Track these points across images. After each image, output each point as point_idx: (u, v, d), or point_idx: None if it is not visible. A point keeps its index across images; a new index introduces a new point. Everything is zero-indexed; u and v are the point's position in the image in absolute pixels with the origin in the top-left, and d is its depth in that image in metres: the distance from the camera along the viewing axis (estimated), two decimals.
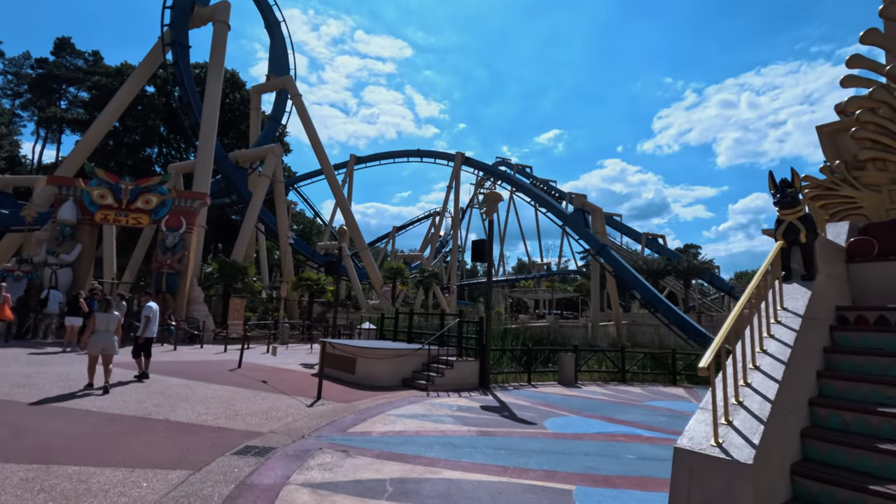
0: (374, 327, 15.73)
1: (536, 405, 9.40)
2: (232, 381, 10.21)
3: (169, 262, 19.34)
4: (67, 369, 10.34)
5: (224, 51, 25.98)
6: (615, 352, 14.18)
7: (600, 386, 12.85)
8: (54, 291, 16.51)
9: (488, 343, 11.69)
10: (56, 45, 54.41)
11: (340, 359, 11.78)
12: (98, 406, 7.16)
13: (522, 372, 12.86)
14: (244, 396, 8.64)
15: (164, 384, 9.38)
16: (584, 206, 35.83)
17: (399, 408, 8.44)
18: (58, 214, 18.64)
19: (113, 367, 8.84)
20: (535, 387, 12.00)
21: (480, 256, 11.85)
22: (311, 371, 12.98)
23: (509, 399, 9.96)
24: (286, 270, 28.64)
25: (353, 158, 52.39)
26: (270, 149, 29.97)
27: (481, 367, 11.59)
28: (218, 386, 9.54)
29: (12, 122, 49.47)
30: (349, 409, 8.20)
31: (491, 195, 12.10)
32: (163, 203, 19.90)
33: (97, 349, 8.57)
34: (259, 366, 13.42)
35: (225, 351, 16.87)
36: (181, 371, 11.27)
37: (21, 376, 9.10)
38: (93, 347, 8.59)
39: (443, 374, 10.96)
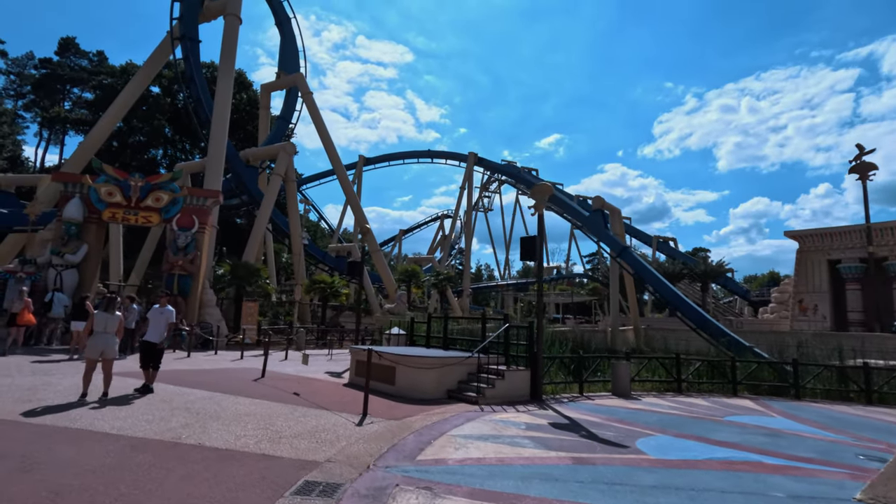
0: (404, 332, 14.62)
1: (609, 422, 8.27)
2: (261, 394, 9.11)
3: (181, 263, 18.26)
4: (76, 380, 9.21)
5: (235, 45, 25.00)
6: (669, 359, 13.05)
7: (658, 397, 11.72)
8: (59, 294, 15.44)
9: (540, 351, 10.58)
10: (60, 45, 53.59)
11: (377, 368, 10.65)
12: (117, 427, 6.05)
13: (573, 382, 11.74)
14: (281, 413, 7.53)
15: (187, 397, 8.27)
16: (603, 207, 34.74)
17: (459, 427, 7.32)
18: (63, 212, 17.57)
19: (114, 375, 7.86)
20: (590, 399, 10.88)
21: (530, 254, 10.76)
22: (339, 380, 11.90)
23: (574, 414, 8.83)
24: (298, 273, 27.58)
25: (362, 159, 51.33)
26: (282, 147, 28.92)
27: (533, 378, 10.48)
28: (247, 400, 8.43)
29: (14, 122, 48.53)
30: (404, 428, 7.09)
31: (541, 188, 11.02)
32: (174, 201, 18.83)
33: (96, 352, 7.62)
34: (283, 374, 12.33)
35: (241, 358, 15.78)
36: (202, 381, 10.17)
37: (25, 389, 8.00)
38: (91, 350, 7.65)
39: (493, 385, 9.85)
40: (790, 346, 29.38)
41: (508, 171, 47.66)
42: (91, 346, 7.54)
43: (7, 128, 42.37)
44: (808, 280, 38.81)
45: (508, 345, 11.24)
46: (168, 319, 9.07)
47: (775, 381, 13.03)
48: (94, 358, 7.51)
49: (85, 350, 7.56)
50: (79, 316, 12.75)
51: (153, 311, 9.07)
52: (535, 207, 11.08)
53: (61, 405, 7.04)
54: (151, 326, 8.87)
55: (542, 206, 11.02)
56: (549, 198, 10.58)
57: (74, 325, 12.67)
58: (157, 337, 8.82)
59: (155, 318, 8.95)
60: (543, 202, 11.00)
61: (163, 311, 9.02)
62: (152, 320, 8.96)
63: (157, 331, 8.86)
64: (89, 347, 7.53)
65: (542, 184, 10.99)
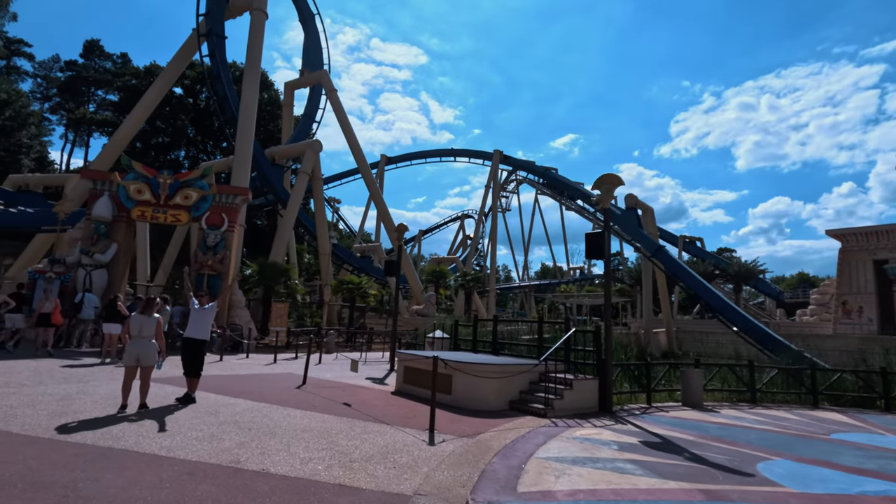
0: (447, 336, 13.75)
1: (704, 440, 7.28)
2: (309, 404, 8.33)
3: (210, 262, 17.68)
4: (112, 388, 8.55)
5: (262, 40, 24.47)
6: (742, 366, 11.97)
7: (734, 408, 10.66)
8: (89, 295, 14.91)
9: (609, 358, 9.61)
10: (85, 47, 54.09)
11: (428, 375, 9.79)
12: (166, 447, 5.28)
13: (639, 391, 10.74)
14: (340, 428, 6.71)
15: (233, 409, 7.51)
16: (636, 206, 33.50)
17: (543, 446, 6.41)
18: (92, 211, 17.12)
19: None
20: (663, 410, 9.88)
21: (597, 251, 9.81)
22: (384, 388, 11.10)
23: (658, 429, 7.86)
24: (326, 273, 26.94)
25: (384, 159, 50.67)
26: (309, 144, 28.33)
27: (601, 388, 9.51)
28: (298, 412, 7.64)
29: (41, 124, 49.00)
30: (481, 448, 6.21)
31: (608, 178, 10.06)
32: (203, 199, 18.28)
33: (132, 359, 6.87)
34: (324, 381, 11.55)
35: (275, 361, 15.08)
36: (243, 389, 9.43)
37: (59, 400, 7.31)
38: (128, 357, 6.90)
39: (561, 396, 8.91)
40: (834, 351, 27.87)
41: (535, 170, 46.44)
42: (127, 353, 6.82)
43: (34, 129, 42.70)
44: (852, 281, 37.02)
45: (570, 351, 10.34)
46: (211, 317, 8.40)
47: (860, 392, 11.84)
48: (132, 366, 6.78)
49: (122, 357, 6.82)
50: (111, 318, 12.16)
51: (194, 311, 8.35)
52: (600, 200, 10.12)
53: (100, 419, 6.32)
54: (193, 324, 8.18)
55: (610, 198, 10.07)
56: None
57: (106, 327, 12.08)
58: (202, 334, 8.16)
59: (197, 316, 8.24)
60: (611, 194, 10.04)
61: (204, 309, 8.31)
62: (194, 319, 8.25)
63: (202, 328, 8.19)
64: (126, 354, 6.82)
65: (610, 174, 10.03)
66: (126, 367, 6.81)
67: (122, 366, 6.85)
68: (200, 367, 8.06)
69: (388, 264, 16.12)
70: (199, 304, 8.43)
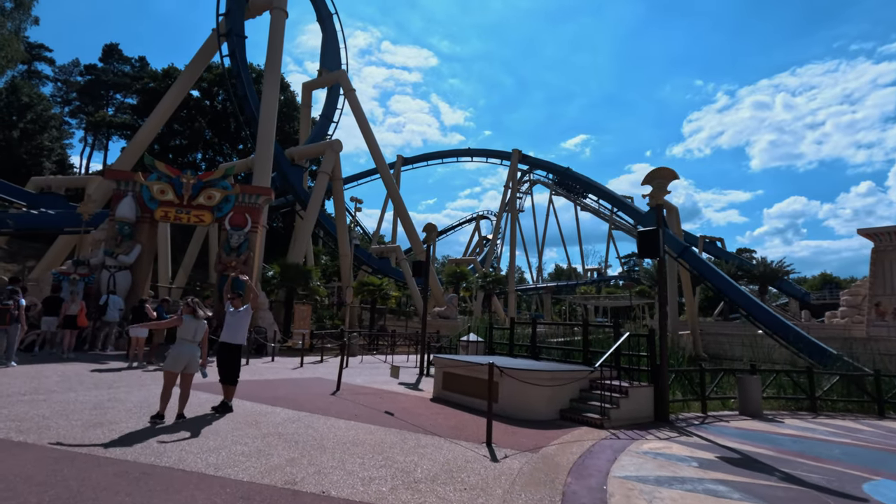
0: (481, 339, 13.20)
1: (784, 454, 6.65)
2: (350, 413, 7.84)
3: (234, 263, 17.33)
4: (145, 394, 8.16)
5: (282, 39, 24.18)
6: (799, 372, 11.25)
7: (795, 417, 9.98)
8: (114, 297, 14.64)
9: (665, 363, 8.99)
10: (104, 51, 54.61)
11: (473, 382, 9.28)
12: (213, 465, 4.81)
13: (693, 399, 10.09)
14: (392, 442, 6.21)
15: (273, 419, 7.05)
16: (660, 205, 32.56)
17: (617, 463, 5.84)
18: (116, 211, 16.88)
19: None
20: (722, 420, 9.23)
21: (651, 249, 9.20)
22: (421, 394, 10.60)
23: (728, 442, 7.23)
24: (346, 275, 26.56)
25: (400, 159, 50.32)
26: (329, 144, 28.00)
27: (657, 396, 8.90)
28: (342, 422, 7.15)
29: (62, 127, 49.51)
30: (549, 465, 5.66)
31: (660, 171, 9.46)
32: (226, 199, 17.96)
33: (179, 364, 6.37)
34: (357, 387, 11.09)
35: (301, 365, 14.69)
36: (277, 396, 8.98)
37: (92, 408, 6.91)
38: (174, 362, 6.37)
39: (617, 405, 8.31)
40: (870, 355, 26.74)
41: (556, 170, 45.65)
42: (174, 357, 6.33)
43: (56, 132, 43.09)
44: (886, 281, 35.71)
45: (620, 356, 9.73)
46: (247, 321, 7.94)
47: None
48: (176, 371, 6.31)
49: (166, 361, 6.34)
50: (138, 320, 11.81)
51: (229, 314, 7.90)
52: (652, 196, 9.52)
53: (137, 431, 5.88)
54: (228, 328, 7.70)
55: (664, 193, 9.46)
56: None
57: (133, 330, 11.73)
58: (238, 338, 7.69)
59: (233, 319, 7.78)
60: (664, 189, 9.43)
61: (238, 312, 7.83)
62: (229, 323, 7.79)
63: (238, 332, 7.71)
64: (172, 358, 6.32)
65: (663, 168, 9.43)
66: (167, 372, 6.33)
67: (164, 370, 6.34)
68: (237, 374, 7.62)
69: (417, 264, 15.62)
70: (234, 307, 7.99)
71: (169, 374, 6.24)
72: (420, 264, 15.31)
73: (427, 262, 15.42)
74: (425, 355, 14.80)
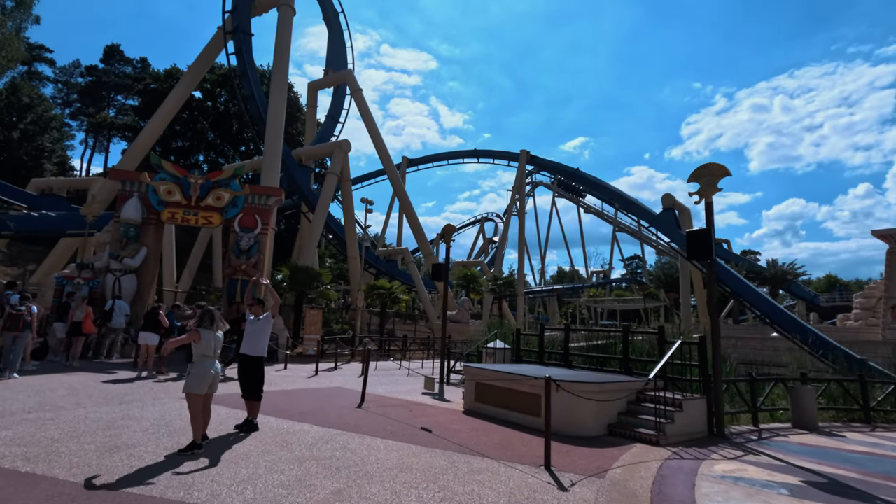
0: (508, 346, 12.56)
1: (878, 479, 6.00)
2: (384, 430, 7.20)
3: (244, 267, 16.69)
4: (160, 410, 7.50)
5: (290, 36, 23.61)
6: (850, 381, 10.62)
7: (854, 430, 9.34)
8: (120, 302, 13.98)
9: (719, 373, 8.36)
10: (106, 52, 54.03)
11: (511, 394, 8.63)
12: (249, 499, 4.16)
13: (744, 411, 9.44)
14: (441, 466, 5.56)
15: (303, 438, 6.39)
16: (673, 206, 32.05)
17: (698, 490, 5.20)
18: (121, 213, 16.23)
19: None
20: (782, 435, 8.58)
21: (702, 250, 8.57)
22: (450, 405, 9.98)
23: (805, 462, 6.59)
24: (356, 278, 25.87)
25: (405, 161, 49.74)
26: (338, 144, 27.38)
27: (711, 409, 8.26)
28: (379, 442, 6.50)
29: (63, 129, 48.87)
30: (622, 493, 5.01)
31: (709, 168, 8.83)
32: (235, 200, 17.33)
33: (205, 386, 5.57)
34: (381, 397, 10.46)
35: (316, 373, 14.04)
36: (300, 410, 8.33)
37: (105, 428, 6.25)
38: (200, 383, 5.52)
39: (672, 419, 7.67)
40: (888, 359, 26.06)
41: (565, 171, 44.96)
42: (200, 378, 5.52)
43: (56, 133, 42.44)
44: None
45: (666, 365, 9.07)
46: (269, 330, 7.25)
47: None
48: (203, 393, 5.56)
49: (188, 383, 5.56)
50: (150, 327, 11.15)
51: (249, 322, 7.22)
52: (700, 193, 8.89)
53: (158, 456, 5.22)
54: (249, 339, 7.04)
55: (713, 190, 8.82)
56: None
57: (143, 337, 11.07)
58: (259, 350, 7.03)
59: (253, 328, 7.10)
60: (714, 186, 8.80)
61: (258, 321, 7.14)
62: (249, 333, 7.12)
63: (259, 343, 7.06)
64: (197, 379, 5.51)
65: (712, 164, 8.81)
66: (193, 396, 5.49)
67: (188, 393, 5.50)
68: (261, 388, 6.97)
69: (436, 267, 14.99)
70: (254, 315, 7.30)
71: (195, 397, 5.48)
72: (440, 267, 14.68)
73: (446, 264, 14.78)
74: (446, 362, 14.17)
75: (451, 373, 14.52)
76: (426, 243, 31.61)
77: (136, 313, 15.09)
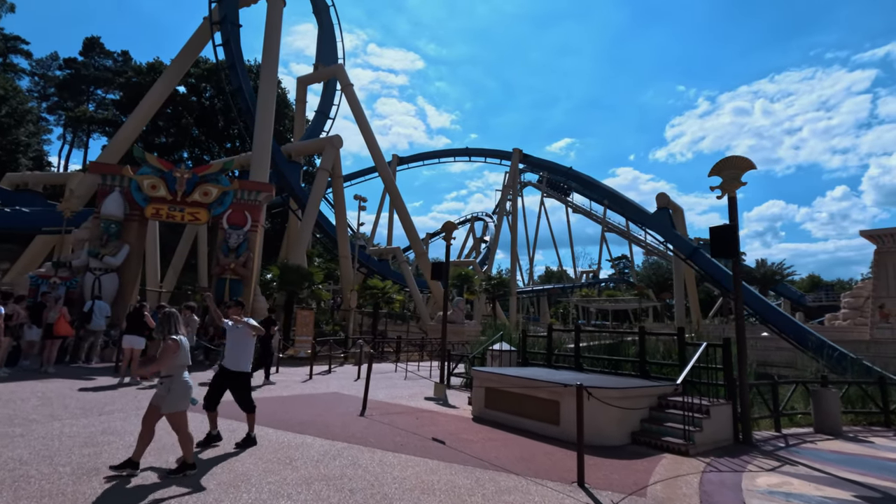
0: (514, 349, 12.03)
1: None
2: (394, 442, 6.61)
3: (233, 265, 15.92)
4: None
5: (280, 28, 22.80)
6: (868, 384, 10.30)
7: (877, 434, 9.00)
8: (100, 303, 13.11)
9: (745, 377, 7.92)
10: (85, 45, 52.30)
11: (527, 401, 8.08)
12: None
13: (765, 416, 9.03)
14: (465, 485, 4.98)
15: (307, 452, 5.76)
16: (667, 205, 31.92)
17: None
18: (102, 209, 15.35)
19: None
20: (810, 441, 8.19)
21: (727, 247, 8.14)
22: (457, 412, 9.42)
23: (847, 473, 6.16)
24: (347, 278, 25.14)
25: (396, 159, 49.01)
26: (329, 140, 26.59)
27: (738, 415, 7.82)
28: (391, 456, 5.90)
29: (39, 123, 47.12)
30: None
31: (732, 161, 8.40)
32: (223, 196, 16.54)
33: (188, 400, 4.76)
34: (382, 403, 9.85)
35: (310, 377, 13.37)
36: (299, 420, 7.69)
37: (83, 445, 5.55)
38: (184, 398, 4.72)
39: (700, 426, 7.20)
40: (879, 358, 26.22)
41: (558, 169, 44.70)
42: (184, 392, 4.72)
43: (32, 126, 40.81)
44: (890, 284, 35.51)
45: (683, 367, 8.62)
46: (250, 335, 6.09)
47: None
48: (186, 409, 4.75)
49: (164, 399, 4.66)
50: (134, 330, 10.36)
51: (228, 329, 6.15)
52: (723, 188, 8.46)
53: (148, 485, 4.55)
54: (230, 350, 6.06)
55: (737, 185, 8.39)
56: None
57: (128, 340, 10.27)
58: (241, 364, 5.98)
59: (234, 337, 6.07)
60: (738, 180, 8.37)
61: (237, 328, 6.08)
62: (229, 341, 6.13)
63: (241, 355, 6.01)
64: (180, 396, 4.69)
65: (735, 156, 8.37)
66: (180, 413, 4.70)
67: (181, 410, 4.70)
68: (248, 400, 6.05)
69: (436, 266, 14.42)
70: (233, 322, 6.15)
71: (182, 415, 4.72)
72: (440, 266, 14.10)
73: (447, 262, 14.21)
74: (446, 365, 13.60)
75: (451, 376, 13.96)
76: (418, 241, 30.96)
77: (118, 314, 14.23)
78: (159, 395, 4.70)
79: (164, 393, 4.68)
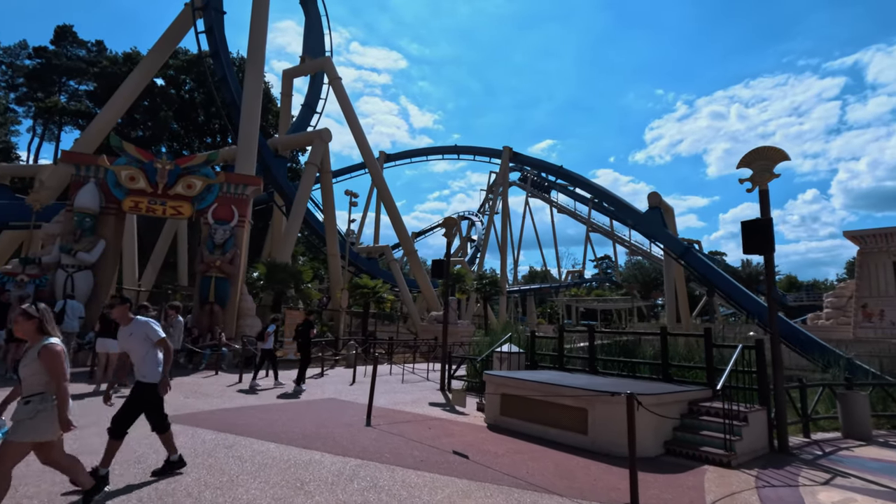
0: (522, 351, 11.40)
1: None
2: (413, 458, 5.92)
3: (219, 263, 14.97)
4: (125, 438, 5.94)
5: (267, 15, 21.79)
6: (891, 385, 9.98)
7: None
8: (73, 302, 12.06)
9: (781, 380, 7.45)
10: (56, 33, 50.03)
11: (550, 408, 7.46)
12: None
13: (794, 422, 8.58)
14: None
15: (319, 472, 5.03)
16: (658, 205, 31.80)
17: None
18: (75, 201, 14.25)
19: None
20: (846, 448, 7.75)
21: (760, 243, 7.65)
22: (468, 419, 8.78)
23: None
24: (336, 277, 24.26)
25: (383, 156, 48.09)
26: (318, 134, 25.64)
27: (774, 421, 7.33)
28: (413, 474, 5.21)
29: (7, 113, 44.86)
30: None
31: (763, 151, 7.93)
32: (208, 189, 15.57)
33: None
34: (388, 410, 9.13)
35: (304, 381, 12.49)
36: (301, 431, 6.93)
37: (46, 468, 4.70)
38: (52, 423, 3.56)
39: (740, 435, 6.68)
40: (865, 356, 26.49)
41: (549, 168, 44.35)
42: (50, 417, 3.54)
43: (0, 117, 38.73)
44: (872, 283, 36.03)
45: (713, 370, 8.14)
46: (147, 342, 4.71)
47: None
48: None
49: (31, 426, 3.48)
50: (107, 331, 9.42)
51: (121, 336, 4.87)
52: (754, 181, 7.98)
53: None
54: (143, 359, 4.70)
55: (768, 177, 7.92)
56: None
57: (103, 344, 9.34)
58: (146, 372, 4.68)
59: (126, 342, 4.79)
60: (769, 172, 7.90)
61: (129, 331, 4.78)
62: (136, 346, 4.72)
63: (146, 364, 4.69)
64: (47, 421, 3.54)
65: (765, 147, 7.90)
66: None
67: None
68: (158, 418, 4.75)
69: (436, 264, 13.76)
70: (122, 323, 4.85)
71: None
72: (440, 264, 13.43)
73: (447, 261, 13.54)
74: (448, 367, 12.98)
75: (451, 379, 13.31)
76: (408, 240, 30.19)
77: (92, 315, 13.18)
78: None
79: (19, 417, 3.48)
